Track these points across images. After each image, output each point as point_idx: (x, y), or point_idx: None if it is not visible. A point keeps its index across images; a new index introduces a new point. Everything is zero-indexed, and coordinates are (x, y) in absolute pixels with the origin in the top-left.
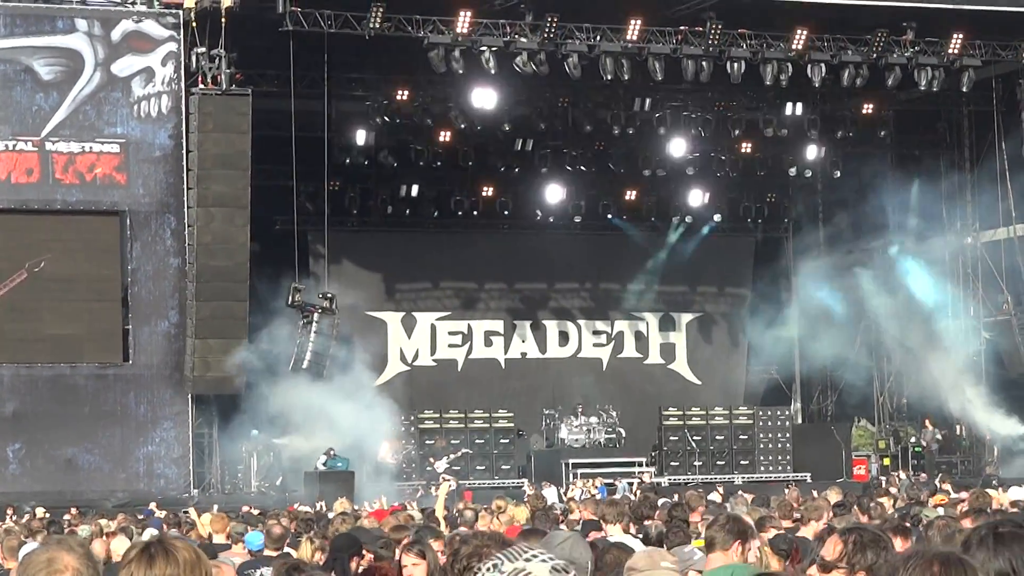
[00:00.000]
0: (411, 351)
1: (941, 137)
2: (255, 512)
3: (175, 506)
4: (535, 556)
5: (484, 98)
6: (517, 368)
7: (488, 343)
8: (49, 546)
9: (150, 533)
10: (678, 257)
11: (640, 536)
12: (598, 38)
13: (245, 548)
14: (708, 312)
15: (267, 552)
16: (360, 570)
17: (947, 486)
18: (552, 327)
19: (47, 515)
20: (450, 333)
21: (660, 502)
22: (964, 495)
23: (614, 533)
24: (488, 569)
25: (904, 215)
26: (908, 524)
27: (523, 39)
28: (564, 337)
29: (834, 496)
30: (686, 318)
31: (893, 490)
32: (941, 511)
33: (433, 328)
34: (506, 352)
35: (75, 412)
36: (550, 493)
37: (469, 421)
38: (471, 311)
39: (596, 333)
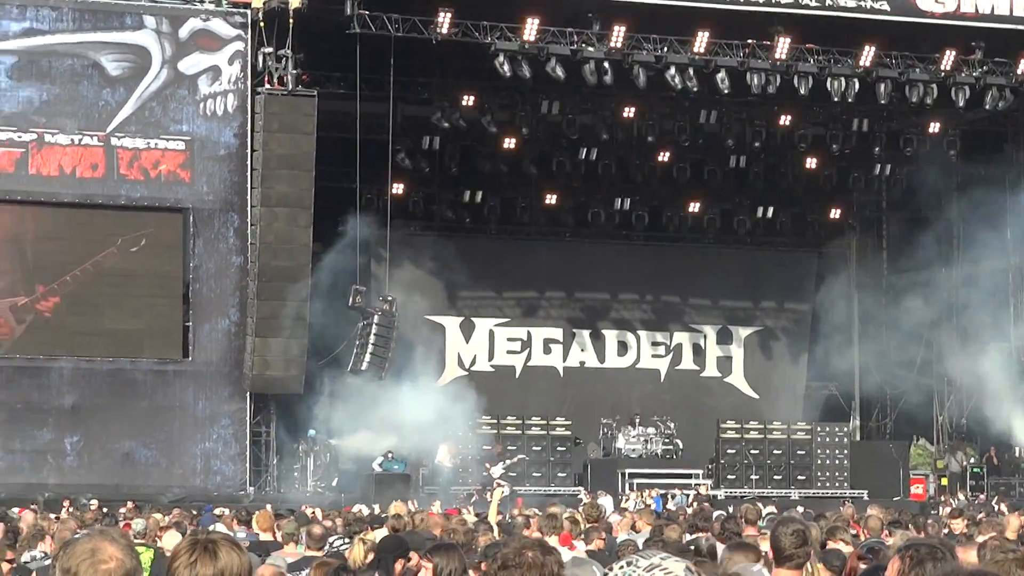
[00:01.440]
0: (469, 356)
1: (1007, 157)
2: (311, 512)
3: (231, 503)
4: (669, 555)
5: (549, 106)
6: (575, 376)
7: (547, 351)
8: (92, 536)
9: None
10: (739, 271)
11: (692, 547)
12: (665, 49)
13: (296, 547)
14: (768, 326)
15: (309, 553)
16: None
17: (1004, 507)
18: (611, 337)
19: (103, 508)
20: (509, 339)
21: (714, 515)
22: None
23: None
24: (623, 565)
25: (968, 234)
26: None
27: (590, 48)
28: (623, 347)
29: (875, 513)
30: (745, 332)
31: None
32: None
33: (492, 334)
34: (565, 360)
35: (134, 407)
36: (606, 502)
37: (526, 428)
38: (531, 318)
39: (655, 344)
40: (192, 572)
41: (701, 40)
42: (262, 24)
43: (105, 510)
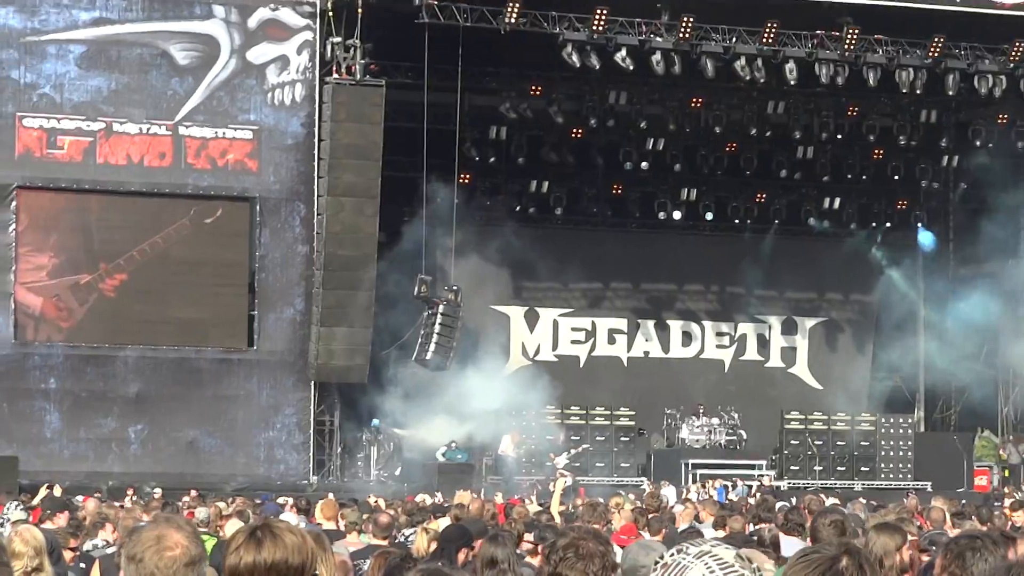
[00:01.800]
0: (533, 346)
1: None
2: (375, 501)
3: (294, 492)
4: (719, 543)
5: (617, 96)
6: (639, 367)
7: (611, 341)
8: (157, 524)
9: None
10: (805, 262)
11: (755, 538)
12: (733, 39)
13: (359, 536)
14: (833, 318)
15: (375, 541)
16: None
17: None
18: (676, 327)
19: (166, 497)
20: (573, 329)
21: (778, 506)
22: None
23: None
24: (674, 552)
25: None
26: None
27: (658, 38)
28: (687, 337)
29: (939, 504)
30: (810, 323)
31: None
32: None
33: (556, 324)
34: (629, 350)
35: (198, 395)
36: (669, 492)
37: (590, 418)
38: (595, 309)
39: (719, 335)
40: (251, 556)
41: (769, 31)
42: (331, 14)
43: (166, 499)
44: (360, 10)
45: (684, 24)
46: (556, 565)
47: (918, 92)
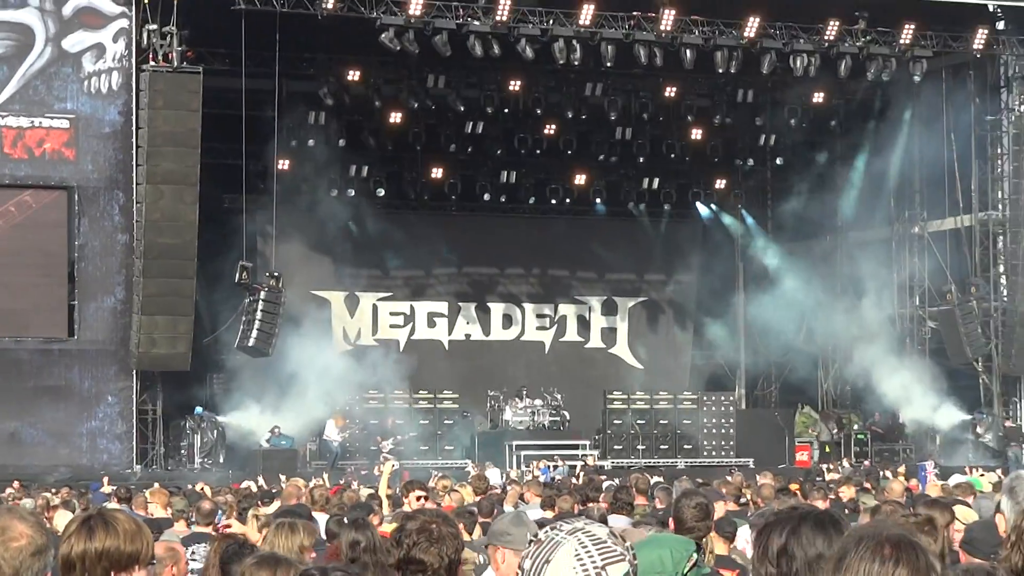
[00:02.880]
0: (354, 331)
1: (890, 127)
2: (201, 489)
3: (118, 481)
4: (591, 521)
5: (435, 80)
6: (460, 350)
7: (431, 324)
8: (0, 515)
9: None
10: (625, 243)
11: (584, 517)
12: (551, 22)
13: (186, 524)
14: (653, 298)
15: (199, 529)
16: None
17: (888, 473)
18: (497, 310)
19: None
20: (392, 314)
21: (604, 485)
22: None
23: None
24: (547, 530)
25: (851, 204)
26: (847, 510)
27: (476, 22)
28: (508, 320)
29: (768, 481)
30: (630, 303)
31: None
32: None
33: (375, 308)
34: (450, 334)
35: (19, 386)
36: (492, 474)
37: (414, 402)
38: (415, 293)
39: (540, 316)
40: (82, 544)
41: (587, 13)
42: (146, 1)
43: None
44: None
45: (502, 7)
46: (409, 549)
47: (733, 72)
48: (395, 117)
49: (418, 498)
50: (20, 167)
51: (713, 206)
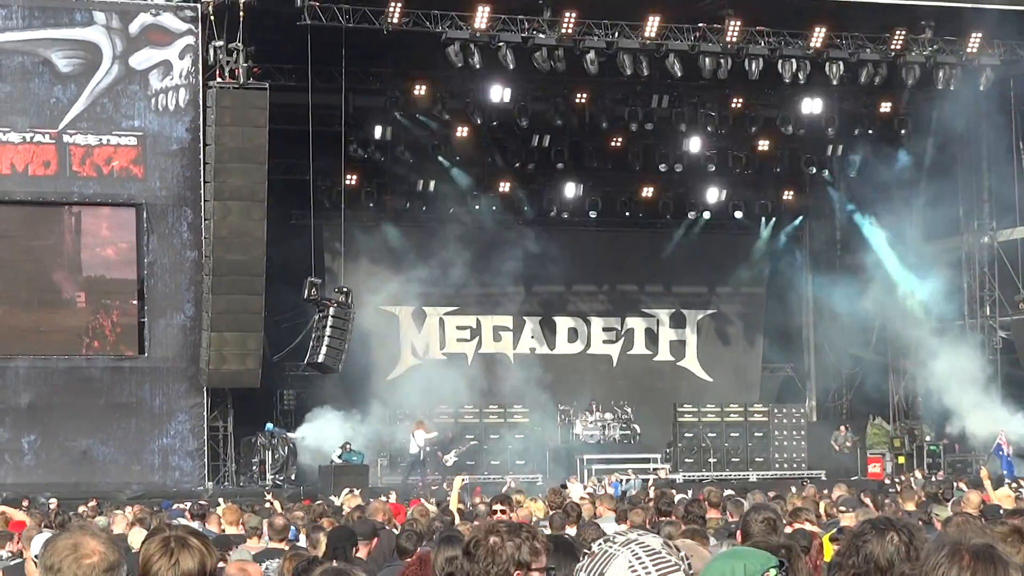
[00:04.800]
0: (422, 345)
1: (958, 136)
2: (269, 502)
3: (190, 498)
4: (646, 532)
5: (501, 94)
6: (526, 363)
7: (497, 338)
8: (72, 532)
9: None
10: (693, 255)
11: (656, 532)
12: (616, 34)
13: (260, 540)
14: (722, 311)
15: (273, 545)
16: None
17: (962, 484)
18: (562, 324)
19: (59, 507)
20: (458, 328)
21: (676, 498)
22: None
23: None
24: (600, 543)
25: (921, 214)
26: (922, 521)
27: (541, 35)
28: (573, 333)
29: (841, 493)
30: (698, 315)
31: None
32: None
33: (442, 322)
34: (515, 347)
35: (90, 404)
36: (576, 489)
37: (484, 416)
38: (480, 306)
39: (606, 330)
40: (175, 570)
41: (651, 25)
42: (212, 18)
43: (61, 509)
44: (242, 13)
45: (567, 20)
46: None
47: (801, 83)
48: (461, 131)
49: (493, 512)
50: (89, 185)
51: (781, 217)
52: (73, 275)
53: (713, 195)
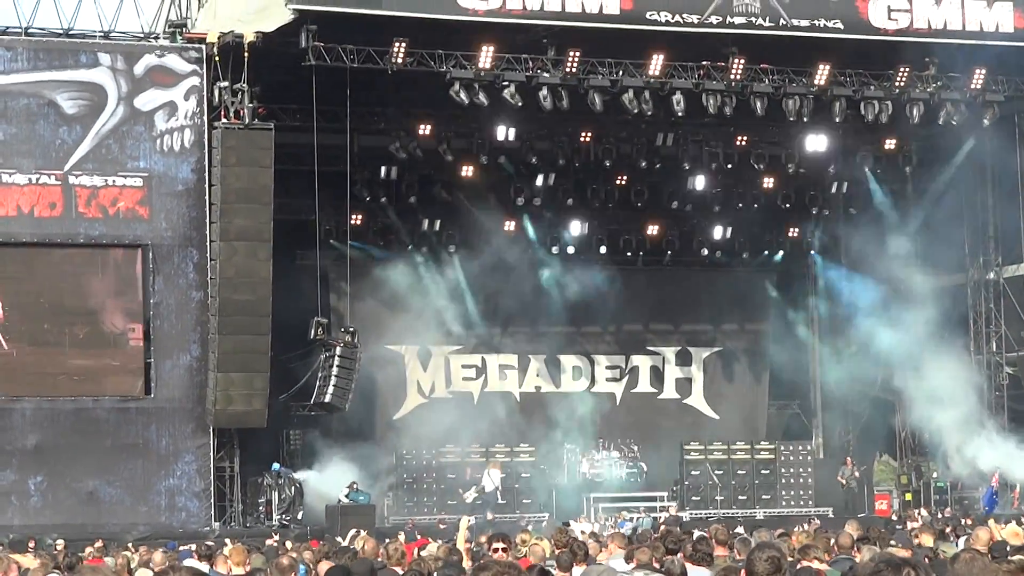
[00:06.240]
0: (428, 384)
1: (963, 172)
2: (278, 545)
3: (196, 539)
4: (652, 572)
5: (506, 133)
6: (532, 401)
7: (502, 376)
8: (84, 575)
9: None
10: (699, 293)
11: (663, 570)
12: (620, 73)
13: None
14: (728, 348)
15: None
16: None
17: (969, 521)
18: (567, 362)
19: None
20: (464, 366)
21: (695, 535)
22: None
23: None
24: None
25: (927, 250)
26: (929, 558)
27: (545, 74)
28: (578, 372)
29: (854, 530)
30: (704, 353)
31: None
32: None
33: (447, 361)
34: (520, 386)
35: (97, 445)
36: (585, 527)
37: (490, 455)
38: (486, 345)
39: (610, 368)
40: None
41: (656, 63)
42: (217, 59)
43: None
44: (247, 54)
45: (571, 59)
46: None
47: (805, 120)
48: (467, 170)
49: (494, 550)
50: (95, 226)
51: (786, 254)
52: (80, 316)
53: (718, 232)
